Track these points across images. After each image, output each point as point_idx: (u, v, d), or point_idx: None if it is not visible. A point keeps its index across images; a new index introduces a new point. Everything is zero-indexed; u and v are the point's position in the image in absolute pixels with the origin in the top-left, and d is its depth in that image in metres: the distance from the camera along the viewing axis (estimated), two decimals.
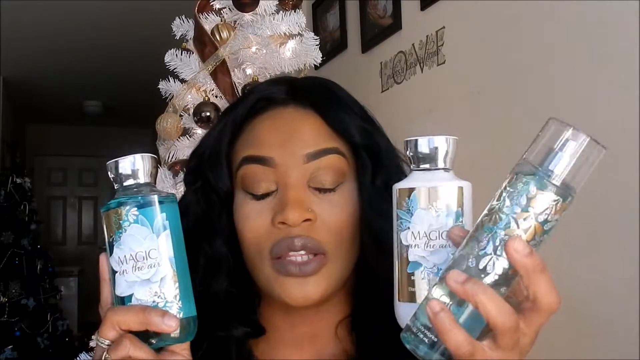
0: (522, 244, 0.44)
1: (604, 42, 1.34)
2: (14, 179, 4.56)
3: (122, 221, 0.51)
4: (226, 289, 0.66)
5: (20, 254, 4.40)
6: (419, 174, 0.52)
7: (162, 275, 0.51)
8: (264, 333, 0.67)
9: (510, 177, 0.46)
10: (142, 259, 0.51)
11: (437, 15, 1.90)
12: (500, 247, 0.45)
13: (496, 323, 0.44)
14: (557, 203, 0.45)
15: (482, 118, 1.71)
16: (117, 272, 0.51)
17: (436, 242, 0.50)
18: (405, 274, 0.51)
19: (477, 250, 0.45)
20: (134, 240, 0.51)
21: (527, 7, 1.55)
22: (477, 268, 0.45)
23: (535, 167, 0.45)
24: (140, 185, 0.53)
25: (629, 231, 1.24)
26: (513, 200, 0.45)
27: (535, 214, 0.44)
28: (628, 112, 1.26)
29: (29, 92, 5.39)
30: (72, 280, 5.70)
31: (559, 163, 0.45)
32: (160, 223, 0.52)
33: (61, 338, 4.48)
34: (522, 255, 0.44)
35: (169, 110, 1.49)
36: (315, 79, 0.72)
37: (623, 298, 1.25)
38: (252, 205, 0.64)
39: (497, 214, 0.45)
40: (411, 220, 0.51)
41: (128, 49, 4.21)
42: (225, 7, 1.50)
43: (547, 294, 0.45)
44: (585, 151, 0.45)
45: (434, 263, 0.50)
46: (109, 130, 6.75)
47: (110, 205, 0.52)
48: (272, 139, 0.64)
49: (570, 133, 0.45)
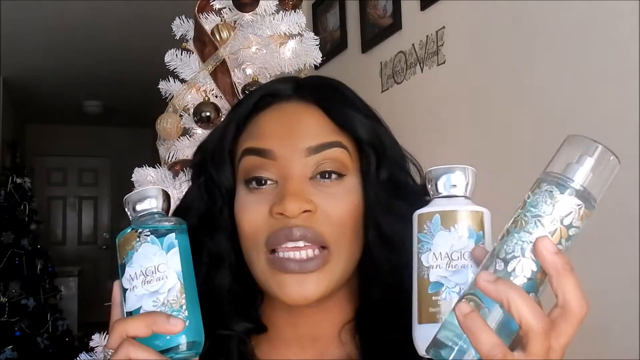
0: (551, 242, 0.44)
1: (603, 42, 1.34)
2: (14, 179, 4.57)
3: (134, 242, 0.53)
4: (228, 286, 0.66)
5: (20, 254, 4.40)
6: (440, 200, 0.53)
7: (169, 287, 0.52)
8: (265, 330, 0.67)
9: (533, 186, 0.48)
10: (152, 272, 0.52)
11: (437, 15, 1.90)
12: (528, 250, 0.45)
13: (529, 325, 0.42)
14: (580, 208, 0.46)
15: (482, 118, 1.71)
16: (127, 289, 0.53)
17: (458, 262, 0.50)
18: (427, 294, 0.50)
19: (504, 254, 0.46)
20: (144, 257, 0.53)
21: (527, 7, 1.55)
22: (505, 270, 0.45)
23: (556, 175, 0.47)
24: (153, 214, 0.56)
25: (629, 232, 1.24)
26: (538, 205, 0.46)
27: (560, 217, 0.45)
28: (628, 112, 1.26)
29: (29, 92, 5.40)
30: (72, 280, 5.70)
31: (579, 172, 0.46)
32: (169, 241, 0.54)
33: (61, 338, 4.48)
34: (551, 252, 0.43)
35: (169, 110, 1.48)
36: (321, 78, 0.72)
37: (623, 299, 1.25)
38: (251, 197, 0.63)
39: (522, 219, 0.46)
40: (432, 242, 0.51)
41: (128, 49, 4.22)
42: (225, 7, 1.50)
43: (577, 296, 0.44)
44: (602, 163, 0.47)
45: (456, 283, 0.50)
46: (109, 130, 6.75)
47: (125, 232, 0.55)
48: (274, 131, 0.64)
49: (591, 146, 0.47)
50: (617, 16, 1.30)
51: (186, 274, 0.54)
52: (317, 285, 0.60)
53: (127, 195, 0.57)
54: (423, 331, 0.50)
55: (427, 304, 0.50)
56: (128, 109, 5.98)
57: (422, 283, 0.51)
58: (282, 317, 0.67)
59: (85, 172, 7.04)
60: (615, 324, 1.27)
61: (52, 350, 4.32)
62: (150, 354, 0.50)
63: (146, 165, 1.46)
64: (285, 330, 0.68)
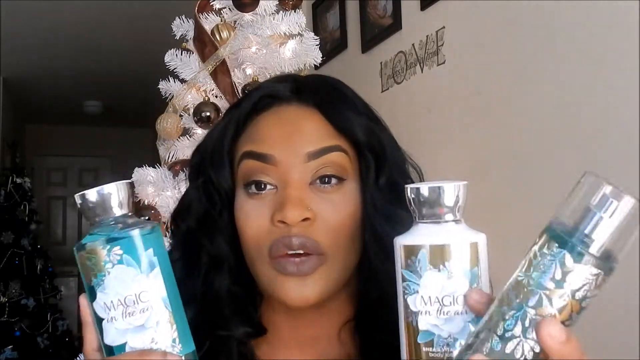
0: (557, 327, 0.38)
1: (604, 42, 1.34)
2: (14, 179, 4.56)
3: (104, 262, 0.46)
4: (228, 288, 0.65)
5: (20, 254, 4.40)
6: (425, 227, 0.45)
7: (157, 319, 0.46)
8: (265, 333, 0.67)
9: (541, 242, 0.40)
10: (133, 303, 0.46)
11: (437, 15, 1.90)
12: (530, 329, 0.39)
13: None
14: (598, 277, 0.39)
15: (482, 118, 1.71)
16: (104, 319, 0.46)
17: (450, 308, 0.43)
18: (416, 343, 0.44)
19: (503, 331, 0.39)
20: (120, 283, 0.46)
21: (527, 7, 1.55)
22: (503, 352, 0.39)
23: (569, 232, 0.39)
24: (117, 219, 0.47)
25: None
26: (545, 273, 0.39)
27: (572, 291, 0.38)
28: (628, 112, 1.26)
29: (29, 92, 5.39)
30: (72, 280, 5.69)
31: (598, 228, 0.38)
32: (148, 260, 0.46)
33: (61, 338, 4.48)
34: (557, 342, 0.38)
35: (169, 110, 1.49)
36: (321, 77, 0.72)
37: (623, 298, 1.25)
38: (252, 203, 0.63)
39: (526, 288, 0.39)
40: (420, 282, 0.44)
41: (128, 49, 4.21)
42: (225, 7, 1.50)
43: None
44: (628, 213, 0.38)
45: (449, 332, 0.44)
46: (109, 130, 6.75)
47: (85, 245, 0.47)
48: (274, 136, 0.63)
49: (611, 191, 0.39)
50: (617, 16, 1.30)
51: (172, 296, 0.47)
52: (314, 287, 0.61)
53: (80, 193, 0.47)
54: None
55: (418, 354, 0.45)
56: (128, 109, 5.97)
57: (410, 329, 0.45)
58: (281, 318, 0.67)
59: (85, 172, 7.03)
60: (615, 324, 1.27)
61: (52, 350, 4.32)
62: None
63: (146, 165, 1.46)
64: (285, 331, 0.68)
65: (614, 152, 1.30)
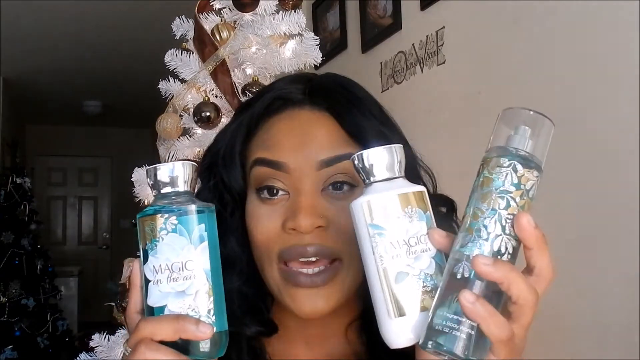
0: (530, 218, 0.46)
1: (604, 42, 1.34)
2: (14, 179, 4.57)
3: (159, 229, 0.50)
4: (238, 288, 0.66)
5: (20, 254, 4.41)
6: (379, 185, 0.51)
7: (197, 289, 0.50)
8: (276, 332, 0.67)
9: (488, 164, 0.48)
10: (178, 269, 0.49)
11: (437, 15, 1.90)
12: (507, 227, 0.46)
13: (526, 300, 0.45)
14: (539, 178, 0.48)
15: (482, 118, 1.71)
16: (150, 281, 0.50)
17: (417, 247, 0.49)
18: (393, 287, 0.49)
19: (487, 234, 0.46)
20: (171, 250, 0.50)
21: (527, 7, 1.55)
22: (492, 250, 0.46)
23: (508, 149, 0.48)
24: (180, 194, 0.51)
25: (629, 231, 1.23)
26: (505, 181, 0.47)
27: (526, 190, 0.47)
28: (628, 112, 1.26)
29: (29, 92, 5.40)
30: (72, 280, 5.70)
31: (525, 141, 0.48)
32: (199, 234, 0.50)
33: (61, 338, 4.48)
34: (534, 227, 0.46)
35: (169, 110, 1.49)
36: (335, 78, 0.71)
37: (623, 298, 1.25)
38: (264, 207, 0.63)
39: (494, 195, 0.47)
40: (387, 230, 0.49)
41: (128, 49, 4.22)
42: (225, 7, 1.50)
43: (550, 264, 0.47)
44: (537, 126, 0.48)
45: (420, 269, 0.49)
46: (109, 130, 6.76)
47: (147, 212, 0.51)
48: (287, 142, 0.64)
49: (521, 115, 0.49)
50: (617, 16, 1.30)
51: (214, 272, 0.51)
52: (328, 300, 0.61)
53: (152, 166, 0.52)
54: (397, 325, 0.49)
55: (397, 297, 0.49)
56: (128, 109, 5.98)
57: (385, 274, 0.49)
58: (291, 317, 0.67)
59: (85, 172, 7.04)
60: (615, 324, 1.27)
61: (52, 350, 4.33)
62: (169, 353, 0.49)
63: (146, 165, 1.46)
64: (293, 329, 0.69)
65: (614, 152, 1.30)
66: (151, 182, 0.52)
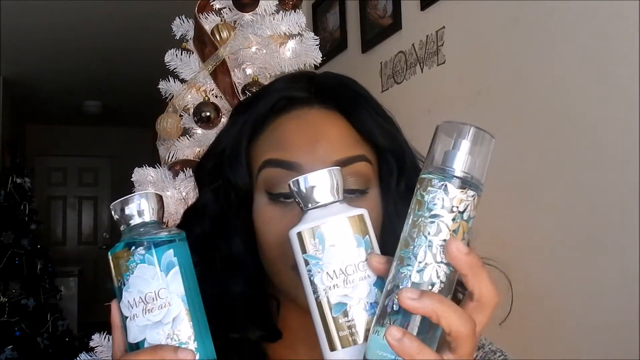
0: (462, 244, 0.43)
1: (604, 42, 1.34)
2: (14, 179, 4.56)
3: (128, 262, 0.49)
4: (242, 290, 0.65)
5: (20, 254, 4.40)
6: (314, 212, 0.49)
7: (173, 316, 0.48)
8: (280, 337, 0.66)
9: (422, 186, 0.45)
10: (152, 299, 0.48)
11: (437, 15, 1.90)
12: (438, 254, 0.44)
13: (459, 332, 0.43)
14: (475, 198, 0.45)
15: (482, 118, 1.71)
16: (127, 317, 0.49)
17: (354, 275, 0.47)
18: (332, 318, 0.47)
19: (417, 264, 0.44)
20: (141, 281, 0.48)
21: (527, 7, 1.55)
22: (422, 280, 0.44)
23: (442, 168, 0.45)
24: (146, 224, 0.51)
25: (629, 231, 1.23)
26: (435, 204, 0.44)
27: (460, 212, 0.44)
28: (628, 112, 1.26)
29: (29, 92, 5.40)
30: (72, 280, 5.70)
31: (460, 160, 0.45)
32: (167, 260, 0.49)
33: (61, 338, 4.48)
34: (465, 254, 0.43)
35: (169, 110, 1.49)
36: (337, 76, 0.70)
37: (623, 298, 1.25)
38: (274, 209, 0.62)
39: (424, 222, 0.45)
40: (322, 260, 0.47)
41: (128, 49, 4.22)
42: (225, 7, 1.50)
43: (490, 289, 0.44)
44: (476, 142, 0.45)
45: (359, 298, 0.47)
46: (109, 130, 6.75)
47: (116, 248, 0.50)
48: (298, 142, 0.62)
49: (459, 130, 0.45)
50: (617, 16, 1.30)
51: (190, 296, 0.49)
52: None
53: (115, 202, 0.51)
54: (339, 358, 0.47)
55: (336, 328, 0.47)
56: (128, 109, 5.98)
57: (323, 307, 0.47)
58: (295, 319, 0.66)
59: (85, 172, 7.04)
60: (615, 324, 1.27)
61: (52, 350, 4.32)
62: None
63: (146, 165, 1.46)
64: (297, 331, 0.67)
65: (614, 151, 1.30)
66: (117, 216, 0.51)
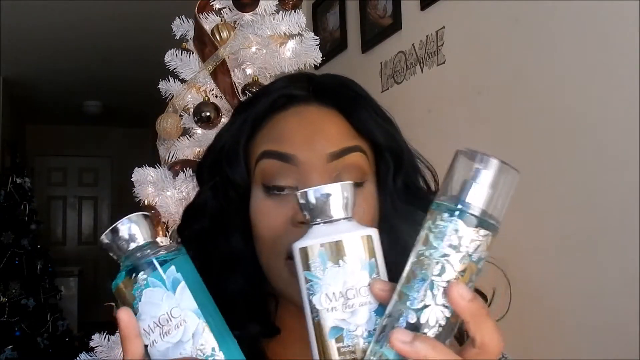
0: (465, 288, 0.41)
1: (604, 42, 1.34)
2: (14, 179, 4.56)
3: (133, 291, 0.47)
4: (242, 287, 0.65)
5: (20, 254, 4.40)
6: (320, 228, 0.47)
7: (192, 331, 0.47)
8: (278, 333, 0.66)
9: (432, 218, 0.43)
10: (166, 321, 0.47)
11: (437, 15, 1.90)
12: (439, 296, 0.41)
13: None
14: (488, 237, 0.42)
15: (482, 118, 1.71)
16: (147, 345, 0.47)
17: (355, 300, 0.44)
18: (327, 341, 0.45)
19: (416, 303, 0.42)
20: (151, 306, 0.47)
21: (527, 7, 1.55)
22: (419, 322, 0.42)
23: (455, 202, 0.42)
24: (142, 248, 0.49)
25: (629, 231, 1.23)
26: (442, 242, 0.41)
27: (468, 254, 0.41)
28: (628, 112, 1.26)
29: (29, 92, 5.40)
30: (72, 280, 5.70)
31: (478, 194, 0.42)
32: (172, 278, 0.48)
33: (61, 338, 4.48)
34: (467, 300, 0.41)
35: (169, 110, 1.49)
36: (335, 77, 0.71)
37: (623, 298, 1.25)
38: (270, 201, 0.63)
39: (428, 259, 0.42)
40: (322, 281, 0.45)
41: (128, 49, 4.21)
42: (225, 7, 1.50)
43: (494, 337, 0.42)
44: (499, 176, 0.42)
45: (357, 325, 0.44)
46: (109, 130, 6.75)
47: (118, 279, 0.49)
48: (296, 136, 0.63)
49: (481, 161, 0.42)
50: (617, 16, 1.30)
51: (204, 306, 0.48)
52: None
53: (102, 235, 0.49)
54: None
55: (330, 353, 0.45)
56: (128, 109, 5.98)
57: (319, 328, 0.45)
58: (292, 317, 0.66)
59: (85, 172, 7.04)
60: (615, 324, 1.27)
61: (52, 350, 4.32)
62: None
63: (146, 165, 1.46)
64: (295, 331, 0.67)
65: (614, 151, 1.30)
66: (109, 249, 0.50)
